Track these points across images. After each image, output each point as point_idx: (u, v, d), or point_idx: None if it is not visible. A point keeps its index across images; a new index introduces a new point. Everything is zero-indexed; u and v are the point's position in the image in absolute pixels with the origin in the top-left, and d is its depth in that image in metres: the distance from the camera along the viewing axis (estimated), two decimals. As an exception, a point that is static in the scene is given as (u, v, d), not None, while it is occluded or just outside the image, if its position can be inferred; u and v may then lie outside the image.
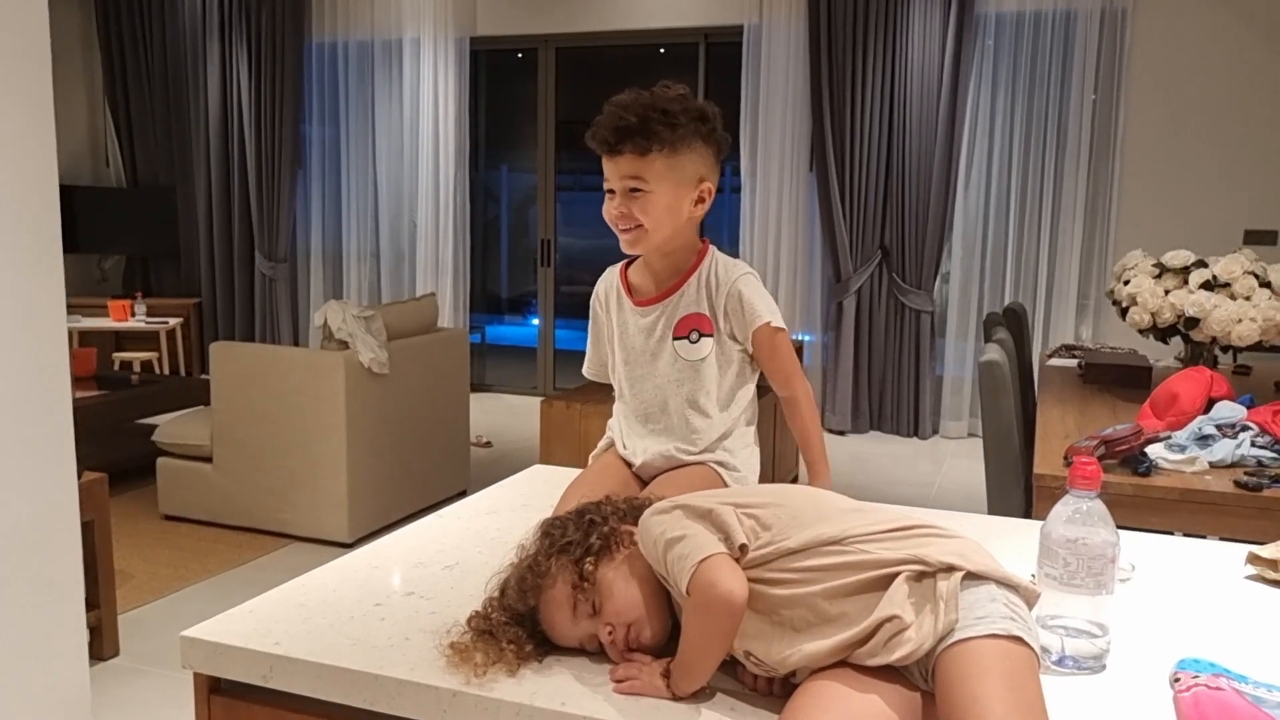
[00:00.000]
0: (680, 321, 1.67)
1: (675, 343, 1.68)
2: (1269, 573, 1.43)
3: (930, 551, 1.02)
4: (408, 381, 4.32)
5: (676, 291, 1.68)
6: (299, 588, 1.37)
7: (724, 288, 1.66)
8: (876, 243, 6.13)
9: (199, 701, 1.24)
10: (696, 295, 1.68)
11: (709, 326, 1.68)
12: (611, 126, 1.56)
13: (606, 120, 1.57)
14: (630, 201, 1.58)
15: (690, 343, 1.67)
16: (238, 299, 7.64)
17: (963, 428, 6.24)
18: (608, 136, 1.56)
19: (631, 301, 1.72)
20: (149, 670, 3.03)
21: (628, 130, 1.55)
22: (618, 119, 1.55)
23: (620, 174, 1.58)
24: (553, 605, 1.15)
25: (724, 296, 1.67)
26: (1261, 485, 2.19)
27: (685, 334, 1.68)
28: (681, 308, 1.68)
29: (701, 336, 1.67)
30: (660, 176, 1.57)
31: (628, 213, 1.59)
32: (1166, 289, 3.20)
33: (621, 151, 1.56)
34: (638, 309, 1.71)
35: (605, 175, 1.61)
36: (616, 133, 1.55)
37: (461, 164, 7.06)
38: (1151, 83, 5.62)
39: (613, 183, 1.60)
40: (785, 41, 6.22)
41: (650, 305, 1.70)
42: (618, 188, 1.59)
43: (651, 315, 1.70)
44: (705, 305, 1.68)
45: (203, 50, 7.44)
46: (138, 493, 4.60)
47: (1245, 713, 1.01)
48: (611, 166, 1.58)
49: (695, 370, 1.68)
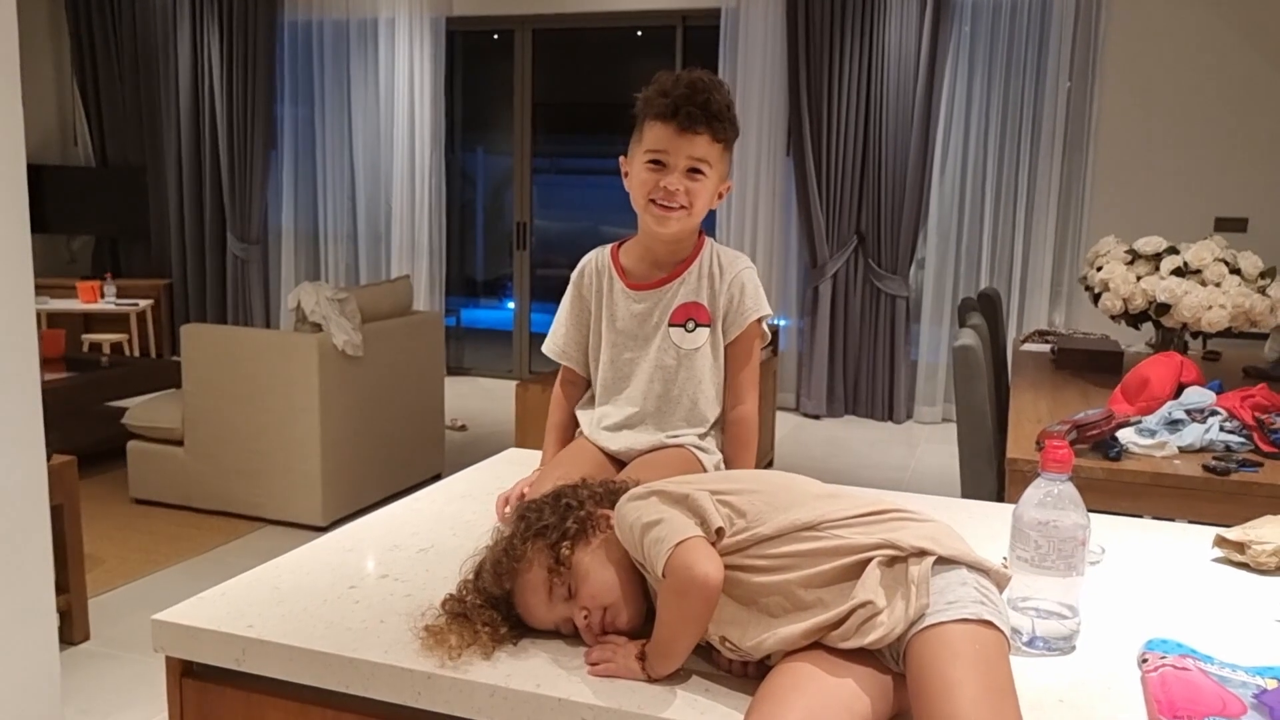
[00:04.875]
0: (678, 309, 1.63)
1: (671, 330, 1.64)
2: (1235, 555, 1.45)
3: (903, 536, 1.03)
4: (382, 364, 4.30)
5: (677, 278, 1.63)
6: (272, 570, 1.36)
7: (727, 276, 1.63)
8: (853, 228, 6.15)
9: (171, 685, 1.23)
10: (697, 284, 1.64)
11: (706, 316, 1.64)
12: (701, 104, 1.50)
13: (691, 95, 1.50)
14: (691, 181, 1.54)
15: (686, 331, 1.63)
16: (209, 281, 7.56)
17: (936, 413, 6.28)
18: (694, 112, 1.50)
19: (625, 284, 1.66)
20: (119, 655, 3.01)
21: (715, 113, 1.51)
22: (709, 98, 1.50)
23: (689, 152, 1.52)
24: (528, 589, 1.15)
25: (727, 285, 1.63)
26: (1229, 470, 2.22)
27: (681, 322, 1.64)
28: (681, 295, 1.64)
29: (698, 326, 1.64)
30: (716, 166, 1.55)
31: (685, 190, 1.53)
32: (1138, 275, 3.22)
33: (699, 131, 1.51)
34: (632, 292, 1.66)
35: (660, 146, 1.53)
36: (705, 111, 1.50)
37: (437, 146, 7.01)
38: (1125, 71, 5.66)
39: (673, 158, 1.52)
40: (763, 25, 6.21)
41: (647, 290, 1.65)
42: (679, 164, 1.52)
43: (647, 301, 1.65)
44: (705, 294, 1.64)
45: (174, 26, 7.33)
46: (108, 476, 4.55)
47: (1210, 692, 1.02)
48: (680, 142, 1.51)
49: (689, 359, 1.64)
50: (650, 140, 1.54)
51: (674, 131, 1.51)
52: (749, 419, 1.65)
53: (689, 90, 1.50)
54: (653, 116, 1.53)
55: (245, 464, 4.09)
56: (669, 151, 1.52)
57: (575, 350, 1.74)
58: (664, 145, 1.52)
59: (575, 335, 1.73)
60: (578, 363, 1.74)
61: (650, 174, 1.54)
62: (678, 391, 1.65)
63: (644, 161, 1.55)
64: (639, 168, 1.56)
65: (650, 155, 1.54)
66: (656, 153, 1.53)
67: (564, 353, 1.74)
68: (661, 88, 1.52)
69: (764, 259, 6.37)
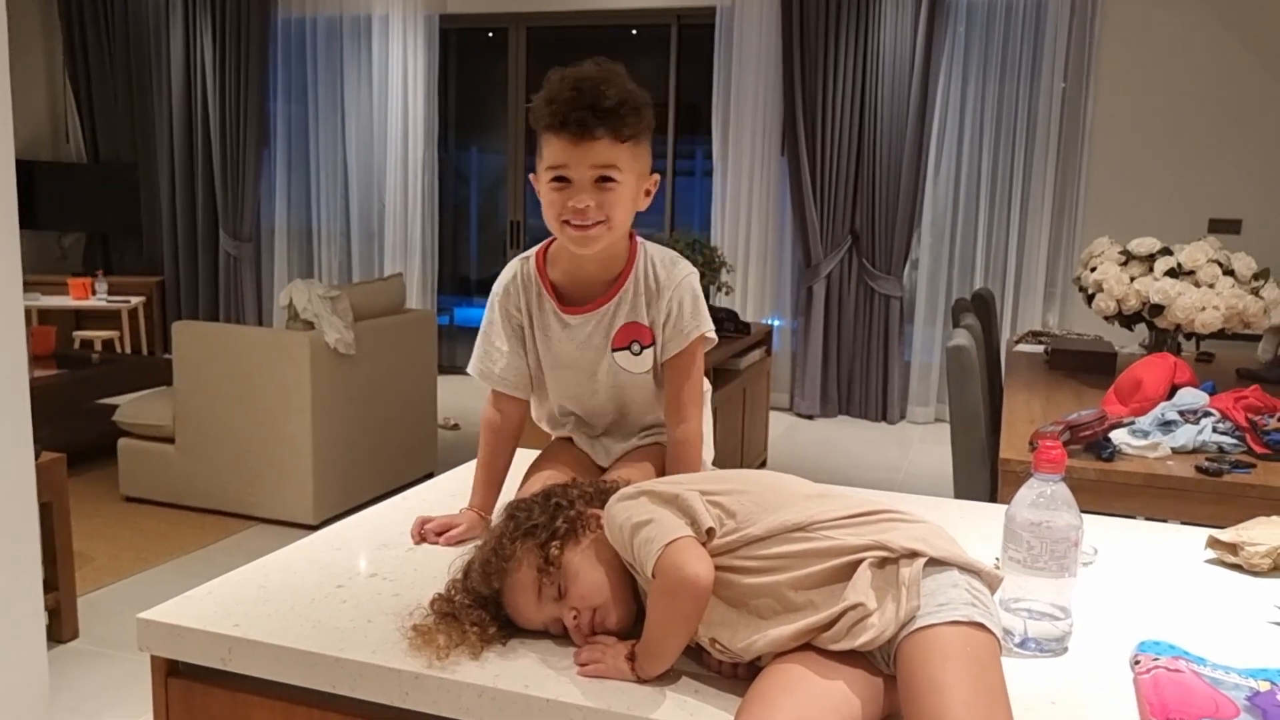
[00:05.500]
0: (620, 332, 1.48)
1: (615, 355, 1.49)
2: (1228, 556, 1.44)
3: (893, 537, 1.02)
4: (374, 363, 4.28)
5: (613, 298, 1.48)
6: (259, 569, 1.35)
7: (666, 291, 1.47)
8: (847, 228, 6.14)
9: (156, 684, 1.22)
10: (634, 301, 1.48)
11: (649, 337, 1.49)
12: (589, 105, 1.33)
13: (578, 98, 1.33)
14: (602, 193, 1.37)
15: (632, 354, 1.50)
16: (201, 278, 7.54)
17: (929, 413, 6.28)
18: (583, 117, 1.33)
19: (558, 306, 1.49)
20: (108, 653, 2.99)
21: (610, 110, 1.34)
22: (596, 96, 1.33)
23: (591, 161, 1.35)
24: (517, 589, 1.14)
25: (666, 301, 1.48)
26: (1222, 471, 2.22)
27: (625, 345, 1.49)
28: (620, 316, 1.48)
29: (643, 348, 1.50)
30: (628, 166, 1.38)
31: (597, 205, 1.37)
32: (1132, 276, 3.22)
33: (595, 136, 1.34)
34: (567, 317, 1.49)
35: (558, 161, 1.36)
36: (596, 113, 1.33)
37: (431, 144, 6.99)
38: (1120, 72, 5.66)
39: (575, 170, 1.36)
40: (758, 24, 6.20)
41: (583, 314, 1.48)
42: (583, 176, 1.36)
43: (586, 325, 1.49)
44: (643, 312, 1.48)
45: (166, 22, 7.30)
46: (98, 474, 4.53)
47: (1203, 694, 1.02)
48: (577, 152, 1.35)
49: (641, 380, 1.52)
50: (549, 156, 1.38)
51: (568, 142, 1.35)
52: (693, 439, 1.51)
53: (574, 93, 1.34)
54: (544, 129, 1.37)
55: (237, 462, 4.07)
56: (569, 165, 1.36)
57: (516, 375, 1.56)
58: (562, 159, 1.36)
59: (515, 360, 1.55)
60: (520, 388, 1.57)
61: (556, 193, 1.38)
62: (636, 410, 1.57)
63: (548, 181, 1.39)
64: (544, 187, 1.40)
65: (552, 173, 1.38)
66: (557, 168, 1.37)
67: (503, 380, 1.56)
68: (547, 94, 1.37)
69: (758, 258, 6.37)
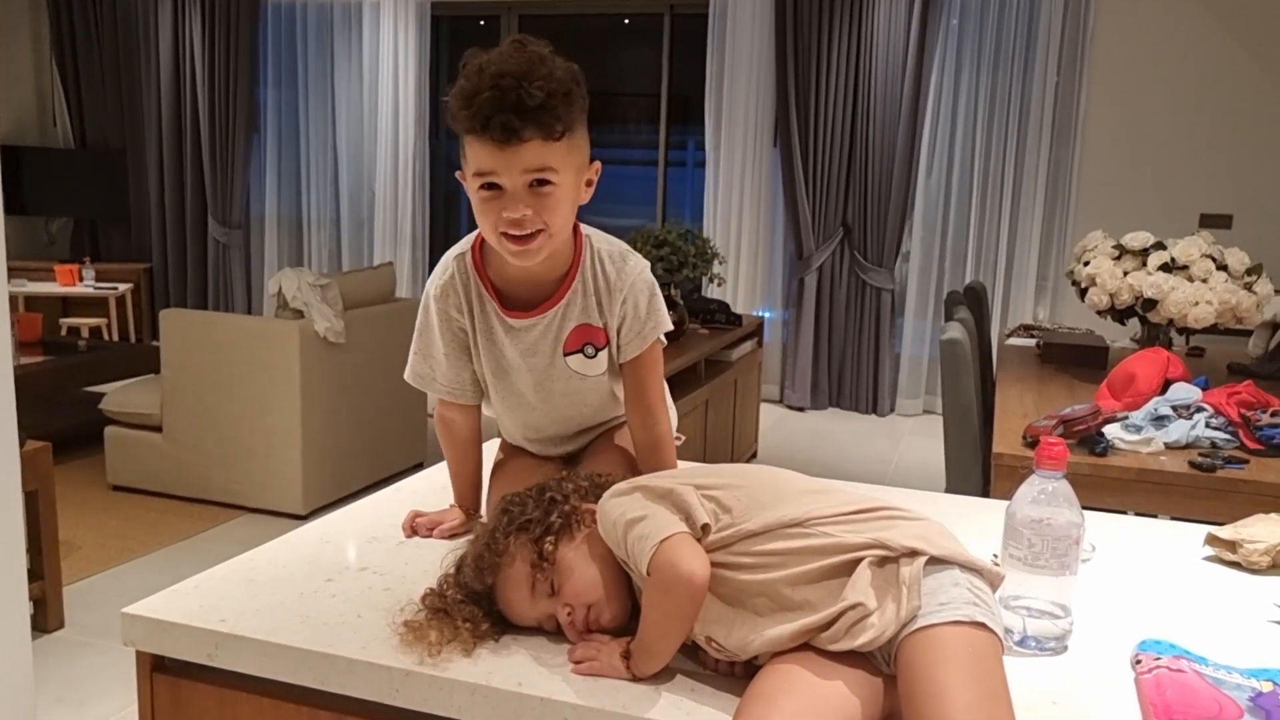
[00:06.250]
0: (571, 335, 1.38)
1: (568, 359, 1.40)
2: (1227, 554, 1.44)
3: (893, 535, 1.01)
4: (364, 351, 4.25)
5: (562, 299, 1.37)
6: (247, 562, 1.32)
7: (618, 292, 1.37)
8: (839, 220, 6.13)
9: (141, 680, 1.19)
10: (584, 303, 1.38)
11: (602, 338, 1.40)
12: (512, 107, 1.17)
13: (499, 98, 1.17)
14: (538, 199, 1.23)
15: (586, 358, 1.40)
16: (189, 265, 7.48)
17: (918, 405, 6.28)
18: (507, 120, 1.17)
19: (502, 312, 1.38)
20: (95, 643, 2.96)
21: (537, 108, 1.18)
22: (520, 95, 1.17)
23: (522, 166, 1.21)
24: (510, 584, 1.12)
25: (619, 303, 1.38)
26: (1215, 466, 2.21)
27: (578, 348, 1.39)
28: (570, 318, 1.38)
29: (597, 350, 1.40)
30: (565, 164, 1.23)
31: (535, 213, 1.23)
32: (1125, 270, 3.21)
33: (523, 138, 1.19)
34: (510, 321, 1.38)
35: (485, 167, 1.22)
36: (521, 114, 1.18)
37: (421, 132, 6.95)
38: (1112, 66, 5.65)
39: (505, 177, 1.21)
40: (751, 15, 6.18)
41: (528, 318, 1.37)
42: (515, 183, 1.22)
43: (532, 331, 1.38)
44: (594, 313, 1.38)
45: (154, 7, 7.24)
46: (85, 462, 4.49)
47: (1205, 694, 1.01)
48: (505, 157, 1.20)
49: (597, 384, 1.44)
50: (474, 160, 1.23)
51: (494, 148, 1.20)
52: (666, 439, 1.44)
53: (494, 92, 1.17)
54: (465, 132, 1.22)
55: (225, 451, 4.04)
56: (498, 172, 1.22)
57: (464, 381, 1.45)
58: (489, 165, 1.21)
59: (459, 366, 1.44)
60: (472, 396, 1.47)
61: (488, 202, 1.24)
62: (590, 410, 1.49)
63: (476, 187, 1.25)
64: (474, 193, 1.26)
65: (480, 180, 1.24)
66: (485, 175, 1.23)
67: (451, 390, 1.45)
68: (461, 92, 1.20)
69: (749, 250, 6.35)
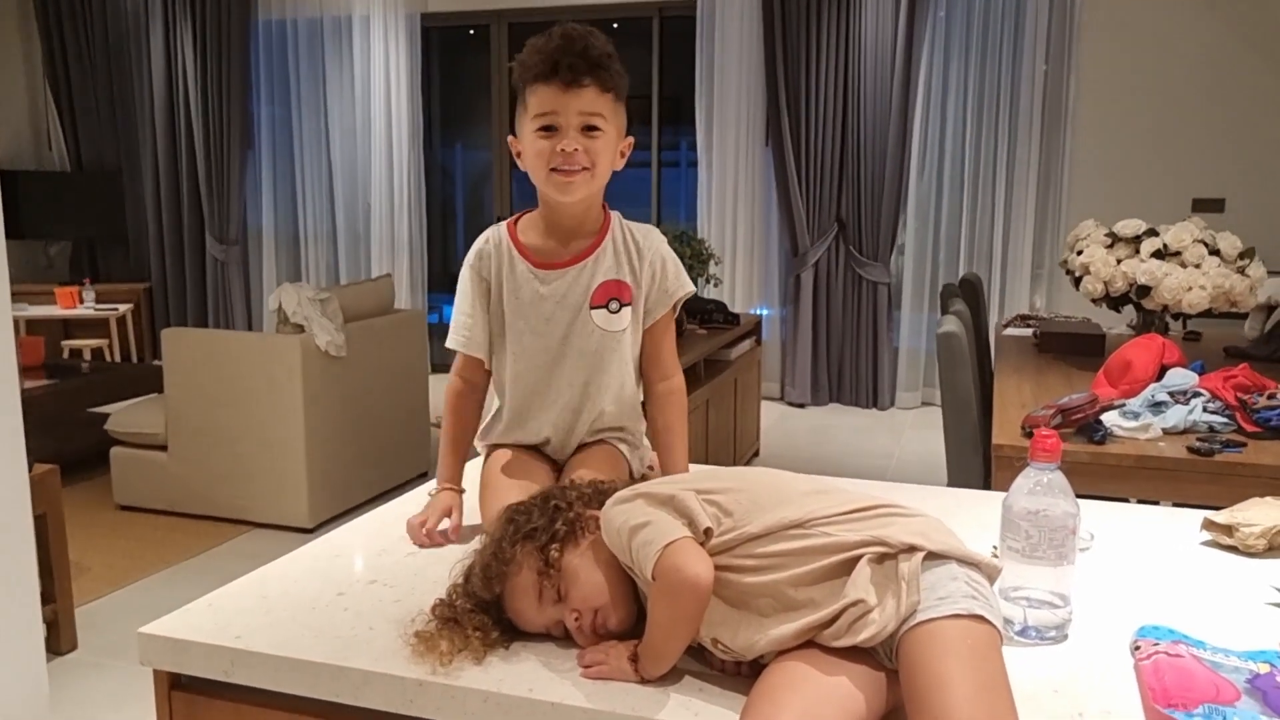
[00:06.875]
0: (599, 288, 1.51)
1: (593, 312, 1.51)
2: (1223, 538, 1.45)
3: (892, 532, 1.02)
4: (366, 364, 4.27)
5: (591, 255, 1.51)
6: (259, 579, 1.34)
7: (647, 253, 1.54)
8: (833, 215, 6.15)
9: (159, 698, 1.22)
10: (615, 260, 1.52)
11: (629, 295, 1.53)
12: (579, 53, 1.39)
13: (568, 45, 1.39)
14: (587, 140, 1.42)
15: (610, 312, 1.51)
16: (189, 283, 7.50)
17: (917, 398, 6.31)
18: (576, 62, 1.38)
19: (532, 263, 1.53)
20: (108, 663, 2.98)
21: (597, 62, 1.40)
22: (587, 45, 1.40)
23: (579, 107, 1.40)
24: (518, 592, 1.14)
25: (648, 262, 1.53)
26: (1213, 451, 2.23)
27: (604, 303, 1.51)
28: (599, 273, 1.51)
29: (622, 306, 1.52)
30: (611, 118, 1.44)
31: (585, 150, 1.41)
32: (1119, 258, 3.23)
33: (584, 84, 1.39)
34: (539, 273, 1.52)
35: (547, 108, 1.41)
36: (588, 61, 1.39)
37: (415, 142, 6.97)
38: (1101, 54, 5.68)
39: (564, 118, 1.40)
40: (739, 15, 6.20)
41: (557, 269, 1.52)
42: (572, 123, 1.41)
43: (559, 282, 1.51)
44: (626, 271, 1.53)
45: (145, 27, 7.26)
46: (91, 483, 4.52)
47: (1204, 678, 1.03)
48: (568, 99, 1.40)
49: (615, 342, 1.53)
50: (535, 105, 1.42)
51: (558, 90, 1.40)
52: (682, 389, 1.60)
53: (564, 41, 1.40)
54: (532, 80, 1.42)
55: (230, 467, 4.06)
56: (558, 112, 1.41)
57: (483, 337, 1.58)
58: (551, 106, 1.41)
59: (482, 322, 1.57)
60: (486, 351, 1.59)
61: (544, 141, 1.42)
62: (603, 376, 1.55)
63: (534, 131, 1.43)
64: (530, 139, 1.44)
65: (540, 122, 1.42)
66: (545, 116, 1.41)
67: (470, 341, 1.57)
68: (534, 47, 1.42)
69: (745, 248, 6.37)
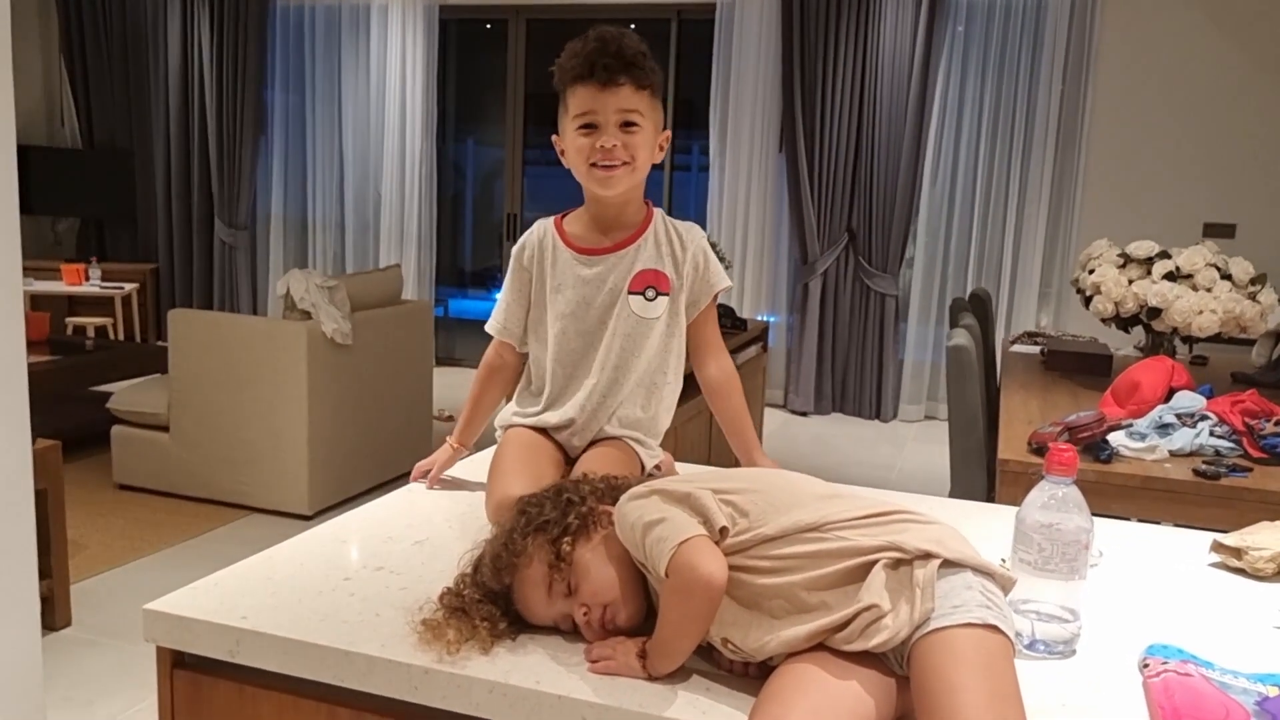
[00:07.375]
0: (637, 275, 1.59)
1: (630, 297, 1.59)
2: (1233, 560, 1.45)
3: (907, 538, 1.02)
4: (371, 353, 4.27)
5: (633, 244, 1.59)
6: (265, 561, 1.34)
7: (690, 247, 1.61)
8: (843, 225, 6.15)
9: (161, 676, 1.21)
10: (656, 250, 1.60)
11: (667, 285, 1.60)
12: (613, 53, 1.47)
13: (603, 47, 1.48)
14: (625, 136, 1.50)
15: (646, 300, 1.59)
16: (196, 266, 7.50)
17: (920, 411, 6.30)
18: (610, 63, 1.47)
19: (575, 250, 1.60)
20: (101, 641, 2.98)
21: (631, 61, 1.48)
22: (621, 46, 1.48)
23: (616, 106, 1.49)
24: (528, 584, 1.13)
25: (690, 255, 1.61)
26: (1219, 474, 2.23)
27: (641, 289, 1.59)
28: (640, 261, 1.59)
29: (659, 295, 1.59)
30: (648, 114, 1.52)
31: (623, 145, 1.50)
32: (1130, 279, 3.23)
33: (620, 83, 1.48)
34: (582, 258, 1.60)
35: (586, 108, 1.50)
36: (622, 61, 1.47)
37: (428, 135, 6.97)
38: (1118, 74, 5.68)
39: (602, 115, 1.49)
40: (758, 21, 6.20)
41: (599, 255, 1.60)
42: (610, 121, 1.49)
43: (600, 266, 1.59)
44: (667, 263, 1.60)
45: (164, 8, 7.26)
46: (92, 461, 4.51)
47: (1213, 698, 1.02)
48: (605, 97, 1.48)
49: (649, 329, 1.60)
50: (575, 105, 1.51)
51: (596, 89, 1.48)
52: (731, 372, 1.68)
53: (599, 44, 1.48)
54: (571, 81, 1.51)
55: (231, 451, 4.05)
56: (596, 110, 1.49)
57: (515, 324, 1.69)
58: (589, 106, 1.49)
59: (516, 310, 1.68)
60: (516, 337, 1.70)
61: (585, 138, 1.51)
62: (635, 361, 1.61)
63: (575, 129, 1.52)
64: (572, 137, 1.53)
65: (580, 120, 1.51)
66: (585, 115, 1.50)
67: (504, 328, 1.69)
68: (571, 51, 1.51)
69: (755, 255, 6.37)
